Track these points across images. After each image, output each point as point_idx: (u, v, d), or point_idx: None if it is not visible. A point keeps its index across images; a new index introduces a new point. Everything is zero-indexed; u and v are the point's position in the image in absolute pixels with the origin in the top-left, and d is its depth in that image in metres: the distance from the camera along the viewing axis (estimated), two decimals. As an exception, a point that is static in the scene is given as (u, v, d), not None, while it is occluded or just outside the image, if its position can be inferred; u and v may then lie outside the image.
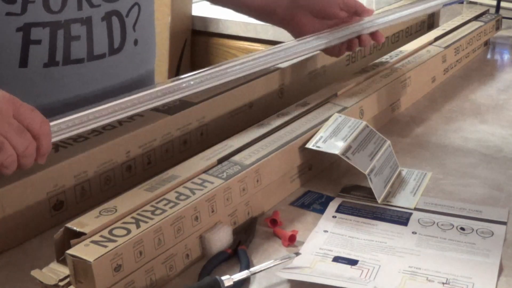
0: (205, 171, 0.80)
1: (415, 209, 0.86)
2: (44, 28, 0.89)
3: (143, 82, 1.07)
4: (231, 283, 0.68)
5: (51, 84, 0.94)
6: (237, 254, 0.75)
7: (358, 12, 1.13)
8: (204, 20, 2.03)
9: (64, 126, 0.76)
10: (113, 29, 0.97)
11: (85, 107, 0.78)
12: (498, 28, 1.65)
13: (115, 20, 0.96)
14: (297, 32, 1.13)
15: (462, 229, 0.82)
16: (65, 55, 0.92)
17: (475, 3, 1.99)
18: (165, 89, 0.87)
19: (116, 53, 0.98)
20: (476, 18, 1.59)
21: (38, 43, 0.89)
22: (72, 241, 0.66)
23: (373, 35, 1.15)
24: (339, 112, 0.98)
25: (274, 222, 0.82)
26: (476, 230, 0.81)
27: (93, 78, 0.97)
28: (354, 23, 1.13)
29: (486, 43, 1.60)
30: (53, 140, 0.75)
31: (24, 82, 0.92)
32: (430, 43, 1.36)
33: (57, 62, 0.91)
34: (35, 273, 0.67)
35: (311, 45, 1.08)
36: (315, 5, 1.12)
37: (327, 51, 1.15)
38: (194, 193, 0.75)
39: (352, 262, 0.75)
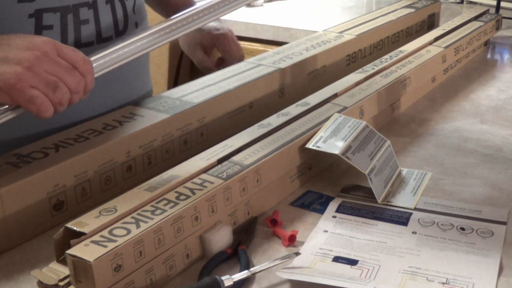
0: (205, 171, 0.80)
1: (415, 209, 0.86)
2: (55, 13, 0.91)
3: (142, 62, 1.10)
4: (231, 283, 0.68)
5: None
6: (237, 254, 0.75)
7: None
8: (204, 20, 2.03)
9: (102, 62, 0.84)
10: (116, 12, 0.99)
11: (115, 43, 0.87)
12: (498, 28, 1.65)
13: (117, 3, 0.99)
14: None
15: (462, 229, 0.82)
16: (76, 38, 0.94)
17: (475, 3, 1.99)
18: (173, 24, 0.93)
19: (121, 35, 1.01)
20: (476, 18, 1.59)
21: (50, 28, 0.91)
22: (72, 241, 0.66)
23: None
24: (339, 112, 0.98)
25: (274, 222, 0.82)
26: (476, 230, 0.81)
27: None
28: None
29: (486, 43, 1.60)
30: (95, 76, 0.82)
31: None
32: (430, 43, 1.36)
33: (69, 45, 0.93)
34: (35, 273, 0.67)
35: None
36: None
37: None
38: (194, 193, 0.75)
39: (352, 262, 0.75)
